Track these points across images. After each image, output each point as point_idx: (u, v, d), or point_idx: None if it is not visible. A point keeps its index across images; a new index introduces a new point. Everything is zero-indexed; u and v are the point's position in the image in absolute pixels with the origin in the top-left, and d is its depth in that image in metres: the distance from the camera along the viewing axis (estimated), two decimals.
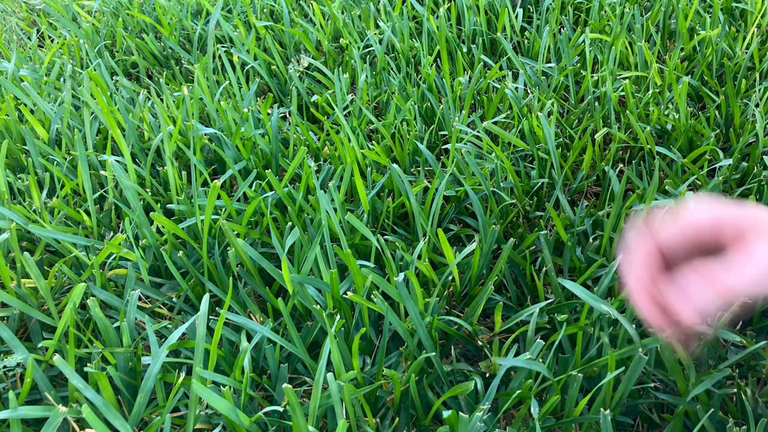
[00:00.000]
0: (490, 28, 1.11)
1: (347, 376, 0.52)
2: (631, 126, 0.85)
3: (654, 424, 0.56)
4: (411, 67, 1.02)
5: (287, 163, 0.83)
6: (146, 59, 1.14)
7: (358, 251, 0.70)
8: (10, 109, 0.90)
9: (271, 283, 0.68)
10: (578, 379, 0.51)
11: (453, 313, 0.64)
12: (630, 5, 1.09)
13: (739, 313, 0.54)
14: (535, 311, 0.58)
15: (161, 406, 0.55)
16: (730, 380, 0.55)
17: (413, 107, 0.89)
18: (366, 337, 0.60)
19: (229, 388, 0.50)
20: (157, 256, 0.70)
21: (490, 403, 0.53)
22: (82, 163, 0.76)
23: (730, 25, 1.06)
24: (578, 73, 0.99)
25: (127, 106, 0.93)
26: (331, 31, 1.12)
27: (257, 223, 0.73)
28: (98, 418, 0.47)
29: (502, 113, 0.91)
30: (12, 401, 0.48)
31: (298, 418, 0.47)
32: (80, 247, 0.71)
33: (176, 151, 0.85)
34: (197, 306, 0.66)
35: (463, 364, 0.60)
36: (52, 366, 0.60)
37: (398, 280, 0.56)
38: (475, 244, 0.63)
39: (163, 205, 0.77)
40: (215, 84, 0.98)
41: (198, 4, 1.26)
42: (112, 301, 0.64)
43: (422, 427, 0.55)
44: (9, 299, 0.60)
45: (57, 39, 1.26)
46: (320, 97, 0.94)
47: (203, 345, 0.53)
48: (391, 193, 0.77)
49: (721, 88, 0.92)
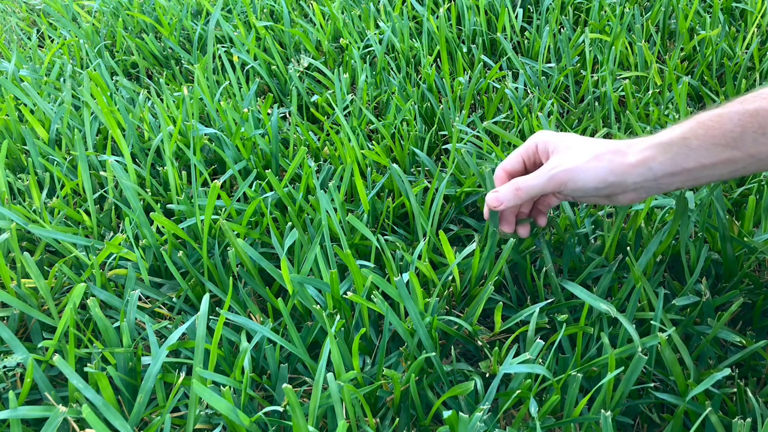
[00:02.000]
0: (490, 28, 1.11)
1: (347, 376, 0.52)
2: (631, 126, 0.85)
3: (654, 424, 0.56)
4: (411, 67, 1.02)
5: (287, 163, 0.83)
6: (146, 59, 1.14)
7: (358, 251, 0.70)
8: (10, 109, 0.90)
9: (271, 283, 0.68)
10: (578, 379, 0.51)
11: (453, 313, 0.64)
12: (630, 5, 1.09)
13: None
14: (535, 311, 0.58)
15: (161, 406, 0.55)
16: (730, 380, 0.55)
17: (413, 107, 0.89)
18: (366, 337, 0.60)
19: (229, 388, 0.50)
20: (157, 256, 0.70)
21: (490, 403, 0.53)
22: (82, 163, 0.76)
23: (730, 25, 1.06)
24: (578, 73, 0.99)
25: (127, 106, 0.93)
26: (331, 31, 1.12)
27: (257, 223, 0.73)
28: (98, 418, 0.47)
29: (502, 113, 0.91)
30: (12, 401, 0.48)
31: (298, 418, 0.47)
32: (80, 247, 0.71)
33: (176, 151, 0.85)
34: (197, 306, 0.66)
35: (463, 364, 0.60)
36: (52, 366, 0.60)
37: (398, 280, 0.56)
38: (475, 244, 0.63)
39: (163, 205, 0.77)
40: (215, 84, 0.98)
41: (198, 4, 1.26)
42: (112, 301, 0.64)
43: (422, 427, 0.55)
44: (9, 299, 0.60)
45: (57, 39, 1.26)
46: (320, 97, 0.94)
47: (203, 345, 0.53)
48: (391, 193, 0.77)
49: (721, 88, 0.92)
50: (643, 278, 0.59)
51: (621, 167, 0.54)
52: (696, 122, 0.53)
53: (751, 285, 0.63)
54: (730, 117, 0.51)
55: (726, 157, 0.51)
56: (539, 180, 0.57)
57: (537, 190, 0.58)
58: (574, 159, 0.56)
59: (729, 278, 0.64)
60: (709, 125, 0.52)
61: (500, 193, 0.59)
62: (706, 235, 0.66)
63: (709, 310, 0.59)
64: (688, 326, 0.59)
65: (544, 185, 0.57)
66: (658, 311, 0.56)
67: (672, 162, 0.53)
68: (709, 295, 0.59)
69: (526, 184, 0.58)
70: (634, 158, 0.54)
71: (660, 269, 0.64)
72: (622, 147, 0.56)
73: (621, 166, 0.54)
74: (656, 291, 0.61)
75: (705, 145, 0.52)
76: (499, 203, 0.59)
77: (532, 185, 0.58)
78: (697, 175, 0.53)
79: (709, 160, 0.52)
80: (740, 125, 0.50)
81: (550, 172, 0.57)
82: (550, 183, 0.57)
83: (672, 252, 0.66)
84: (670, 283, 0.65)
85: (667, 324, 0.56)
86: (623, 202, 0.58)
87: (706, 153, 0.52)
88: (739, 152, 0.51)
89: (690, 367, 0.54)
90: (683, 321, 0.59)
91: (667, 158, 0.53)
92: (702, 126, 0.52)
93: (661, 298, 0.57)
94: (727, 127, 0.51)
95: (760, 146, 0.50)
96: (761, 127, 0.49)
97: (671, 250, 0.66)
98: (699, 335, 0.59)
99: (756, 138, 0.49)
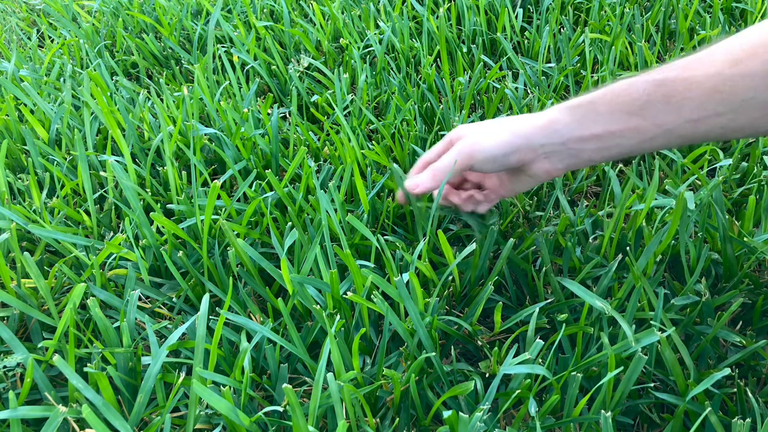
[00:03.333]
0: (490, 28, 1.11)
1: (347, 376, 0.52)
2: None
3: (654, 424, 0.56)
4: (411, 67, 1.02)
5: (287, 163, 0.83)
6: (146, 59, 1.14)
7: (358, 251, 0.70)
8: (10, 109, 0.90)
9: (271, 283, 0.68)
10: (578, 379, 0.51)
11: (453, 313, 0.64)
12: (630, 5, 1.09)
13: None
14: (535, 311, 0.58)
15: (161, 406, 0.55)
16: (729, 380, 0.55)
17: (413, 107, 0.89)
18: (366, 337, 0.60)
19: (229, 388, 0.50)
20: (157, 256, 0.70)
21: (490, 403, 0.53)
22: (82, 163, 0.76)
23: (730, 25, 1.06)
24: (578, 73, 0.99)
25: (127, 106, 0.93)
26: (331, 31, 1.12)
27: (257, 223, 0.73)
28: (98, 418, 0.47)
29: (502, 113, 0.91)
30: (12, 401, 0.48)
31: (298, 418, 0.47)
32: (80, 247, 0.71)
33: (176, 151, 0.85)
34: (197, 306, 0.66)
35: (463, 364, 0.60)
36: (52, 366, 0.60)
37: (398, 280, 0.56)
38: (475, 244, 0.63)
39: (163, 205, 0.77)
40: (215, 84, 0.98)
41: (198, 4, 1.26)
42: (112, 301, 0.64)
43: (422, 427, 0.55)
44: (9, 299, 0.60)
45: (57, 39, 1.26)
46: (320, 97, 0.94)
47: (203, 345, 0.53)
48: (391, 193, 0.77)
49: None
50: (643, 278, 0.59)
51: (525, 128, 0.56)
52: (606, 89, 0.53)
53: (751, 285, 0.63)
54: (637, 85, 0.51)
55: (633, 125, 0.52)
56: (449, 158, 0.59)
57: (449, 169, 0.59)
58: (481, 134, 0.58)
59: (729, 278, 0.64)
60: (618, 92, 0.52)
61: (418, 177, 0.62)
62: (706, 235, 0.66)
63: (708, 310, 0.59)
64: (688, 326, 0.59)
65: (453, 162, 0.59)
66: (658, 311, 0.56)
67: (579, 125, 0.54)
68: (708, 295, 0.59)
69: (439, 165, 0.60)
70: (540, 120, 0.56)
71: (660, 269, 0.64)
72: (532, 115, 0.57)
73: (526, 127, 0.56)
74: (656, 291, 0.61)
75: (612, 110, 0.52)
76: (415, 186, 0.61)
77: (445, 165, 0.59)
78: (607, 143, 0.54)
79: (616, 126, 0.52)
80: (646, 93, 0.51)
81: (458, 147, 0.59)
82: (460, 158, 0.58)
83: (672, 252, 0.66)
84: (670, 283, 0.65)
85: (667, 324, 0.56)
86: (540, 174, 0.59)
87: (612, 118, 0.52)
88: (645, 121, 0.51)
89: (690, 367, 0.54)
90: (683, 321, 0.59)
91: (573, 120, 0.54)
92: (611, 92, 0.53)
93: (661, 298, 0.57)
94: (634, 95, 0.51)
95: (665, 115, 0.50)
96: (664, 96, 0.50)
97: (671, 250, 0.66)
98: (699, 335, 0.59)
99: (661, 107, 0.50)
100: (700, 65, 0.49)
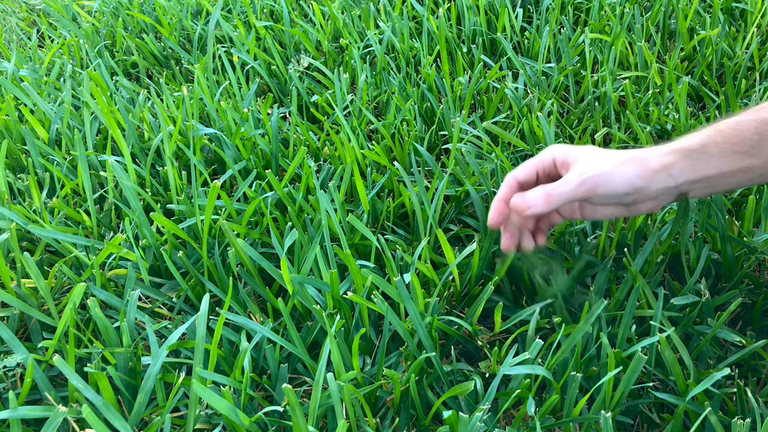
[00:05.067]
0: (490, 28, 1.11)
1: (347, 376, 0.52)
2: (631, 126, 0.85)
3: (654, 423, 0.56)
4: (411, 67, 1.02)
5: (287, 163, 0.83)
6: (146, 59, 1.14)
7: (358, 251, 0.70)
8: (10, 109, 0.90)
9: (271, 283, 0.68)
10: (577, 379, 0.51)
11: (453, 314, 0.64)
12: (630, 5, 1.09)
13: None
14: (535, 311, 0.58)
15: (161, 406, 0.55)
16: (729, 380, 0.55)
17: (413, 107, 0.89)
18: (366, 337, 0.60)
19: (229, 388, 0.50)
20: (157, 256, 0.70)
21: (490, 403, 0.53)
22: (82, 163, 0.76)
23: (730, 25, 1.06)
24: (578, 73, 0.99)
25: (127, 106, 0.93)
26: (331, 31, 1.12)
27: (257, 223, 0.73)
28: (98, 418, 0.47)
29: (502, 113, 0.91)
30: (12, 401, 0.48)
31: (298, 418, 0.47)
32: (80, 247, 0.71)
33: (176, 151, 0.85)
34: (197, 306, 0.66)
35: (463, 364, 0.60)
36: (52, 366, 0.60)
37: (398, 280, 0.56)
38: (475, 244, 0.63)
39: (163, 205, 0.77)
40: (215, 84, 0.98)
41: (198, 4, 1.26)
42: (112, 301, 0.64)
43: (422, 427, 0.55)
44: (9, 299, 0.60)
45: (57, 39, 1.26)
46: (320, 97, 0.94)
47: (203, 345, 0.53)
48: (391, 193, 0.77)
49: (721, 88, 0.92)
50: (640, 276, 0.59)
51: (646, 172, 0.54)
52: (714, 130, 0.53)
53: (751, 285, 0.63)
54: (747, 125, 0.52)
55: (745, 165, 0.52)
56: (570, 185, 0.54)
57: (567, 197, 0.54)
58: (602, 165, 0.54)
59: (729, 278, 0.64)
60: (728, 133, 0.52)
61: (528, 197, 0.54)
62: (706, 235, 0.66)
63: (708, 310, 0.59)
64: (687, 326, 0.59)
65: (574, 191, 0.54)
66: (658, 311, 0.56)
67: (692, 169, 0.53)
68: (708, 295, 0.59)
69: (557, 190, 0.54)
70: (656, 164, 0.54)
71: (660, 269, 0.64)
72: (644, 154, 0.55)
73: (646, 171, 0.54)
74: (656, 291, 0.61)
75: (724, 152, 0.52)
76: (527, 207, 0.54)
77: (563, 191, 0.54)
78: (715, 183, 0.54)
79: (728, 168, 0.53)
80: (757, 133, 0.51)
81: (581, 176, 0.54)
82: (581, 188, 0.53)
83: (672, 252, 0.66)
84: (669, 282, 0.65)
85: (667, 324, 0.56)
86: (642, 211, 0.57)
87: (725, 160, 0.52)
88: (756, 159, 0.52)
89: (690, 367, 0.54)
90: (683, 321, 0.59)
91: (687, 165, 0.53)
92: (720, 134, 0.53)
93: (661, 298, 0.57)
94: (745, 135, 0.52)
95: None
96: None
97: (671, 250, 0.66)
98: (699, 335, 0.59)
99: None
100: None
